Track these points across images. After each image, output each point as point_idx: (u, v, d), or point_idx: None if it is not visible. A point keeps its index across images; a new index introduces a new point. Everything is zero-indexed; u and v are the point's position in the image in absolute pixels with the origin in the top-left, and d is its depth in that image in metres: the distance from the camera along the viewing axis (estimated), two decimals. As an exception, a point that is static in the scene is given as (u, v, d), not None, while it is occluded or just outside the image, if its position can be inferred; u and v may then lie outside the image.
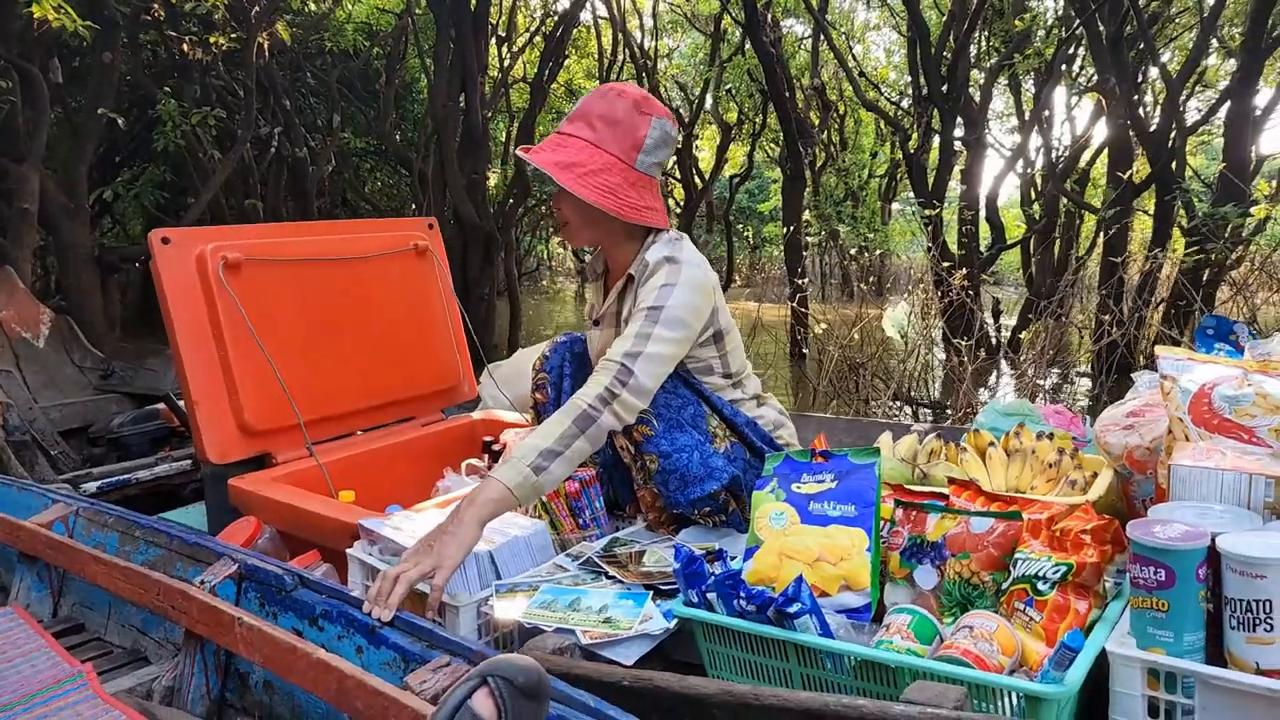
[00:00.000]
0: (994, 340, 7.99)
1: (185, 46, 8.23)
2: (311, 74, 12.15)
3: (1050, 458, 2.03)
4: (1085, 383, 7.12)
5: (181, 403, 3.41)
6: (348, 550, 2.00)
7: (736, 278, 19.79)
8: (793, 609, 1.56)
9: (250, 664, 1.71)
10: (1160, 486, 1.74)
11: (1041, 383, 6.05)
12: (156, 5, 7.75)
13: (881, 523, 1.80)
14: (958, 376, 5.42)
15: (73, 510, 2.11)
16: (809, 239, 12.17)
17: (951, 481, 1.88)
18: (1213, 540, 1.38)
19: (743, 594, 1.63)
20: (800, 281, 8.29)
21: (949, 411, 5.55)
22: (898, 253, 17.63)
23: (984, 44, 10.55)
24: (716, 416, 2.24)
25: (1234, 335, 2.24)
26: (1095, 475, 1.98)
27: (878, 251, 13.89)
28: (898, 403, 6.09)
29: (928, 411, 6.02)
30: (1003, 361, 7.23)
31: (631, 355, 1.98)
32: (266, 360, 2.53)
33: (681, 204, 16.48)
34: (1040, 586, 1.53)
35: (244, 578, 1.78)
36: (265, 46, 8.60)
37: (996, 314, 9.04)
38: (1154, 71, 9.64)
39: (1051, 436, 2.09)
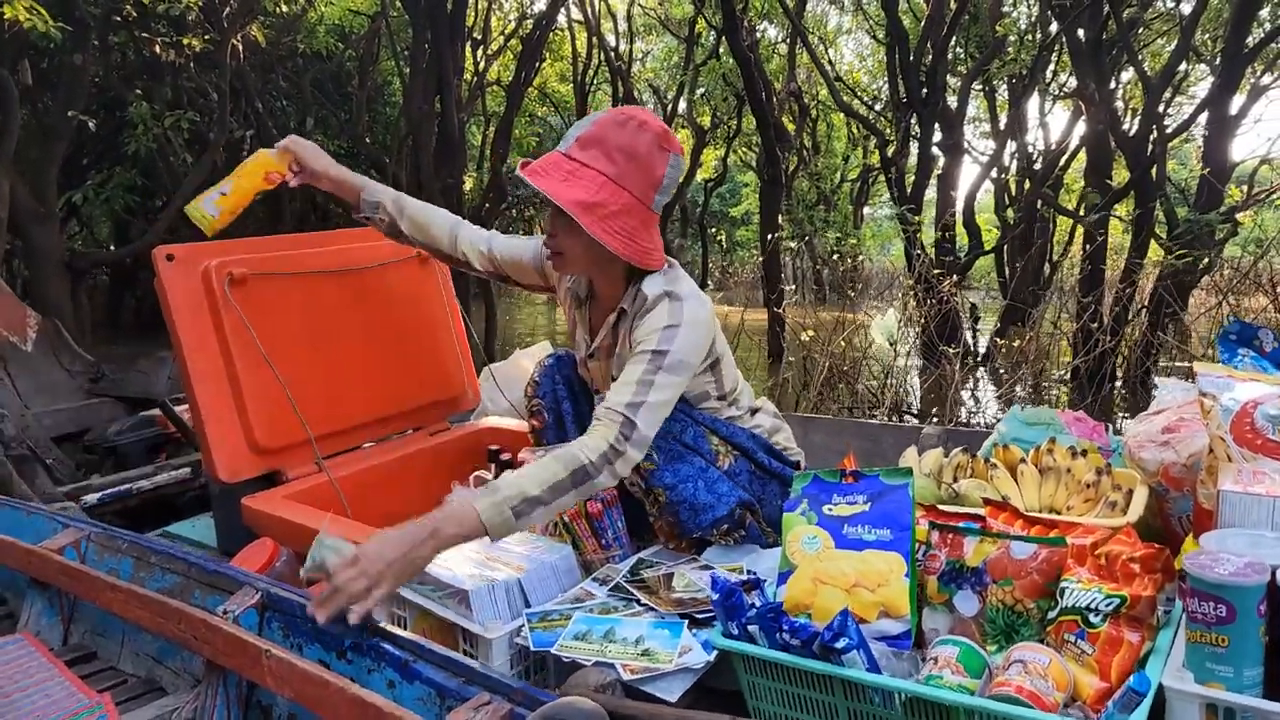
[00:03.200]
0: (973, 347, 8.01)
1: (157, 48, 8.10)
2: (283, 77, 12.02)
3: (1088, 477, 2.00)
4: (1064, 388, 7.15)
5: (178, 409, 3.34)
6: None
7: (709, 282, 19.86)
8: (840, 644, 1.52)
9: (274, 696, 1.66)
10: (1202, 507, 1.72)
11: (1021, 391, 6.07)
12: (129, 6, 7.61)
13: (916, 545, 1.77)
14: (950, 385, 5.42)
15: (84, 535, 2.04)
16: (791, 244, 12.19)
17: (987, 503, 1.86)
18: (1273, 574, 1.36)
19: (785, 627, 1.58)
20: (783, 288, 8.29)
21: (935, 421, 5.54)
22: (870, 257, 17.71)
23: (960, 50, 10.62)
24: (715, 436, 2.20)
25: (1258, 340, 2.15)
26: (1130, 492, 1.96)
27: (852, 257, 13.93)
28: (880, 410, 6.08)
29: (915, 420, 6.01)
30: (980, 369, 7.25)
31: (634, 405, 1.87)
32: (275, 376, 2.47)
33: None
34: (1092, 619, 1.50)
35: (267, 607, 1.72)
36: (239, 48, 8.49)
37: (975, 320, 9.08)
38: (1125, 77, 9.73)
39: (1085, 453, 2.07)
